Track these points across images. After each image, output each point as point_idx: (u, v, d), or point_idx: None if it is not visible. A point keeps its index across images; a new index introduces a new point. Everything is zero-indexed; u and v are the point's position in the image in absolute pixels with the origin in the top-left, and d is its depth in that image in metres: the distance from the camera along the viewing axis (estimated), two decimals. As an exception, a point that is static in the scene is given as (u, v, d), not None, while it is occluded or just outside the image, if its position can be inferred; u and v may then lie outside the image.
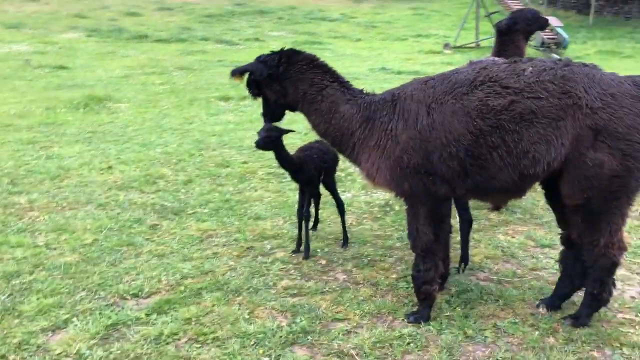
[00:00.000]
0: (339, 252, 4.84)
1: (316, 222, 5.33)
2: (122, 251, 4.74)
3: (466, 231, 4.47)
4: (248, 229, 5.22)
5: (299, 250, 4.76)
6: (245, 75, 3.96)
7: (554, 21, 18.38)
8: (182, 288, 4.12)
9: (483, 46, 21.77)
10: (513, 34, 5.71)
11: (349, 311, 3.87)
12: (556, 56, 17.67)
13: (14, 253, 4.63)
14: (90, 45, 19.72)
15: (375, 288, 4.21)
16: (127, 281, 4.24)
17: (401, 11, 34.86)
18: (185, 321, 3.71)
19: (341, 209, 5.02)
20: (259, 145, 4.33)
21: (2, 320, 3.70)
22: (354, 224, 5.46)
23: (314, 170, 4.72)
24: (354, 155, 3.89)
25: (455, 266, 4.43)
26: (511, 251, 4.86)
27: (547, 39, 20.76)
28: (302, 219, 4.72)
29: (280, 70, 3.85)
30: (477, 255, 4.75)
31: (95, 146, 7.86)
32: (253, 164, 7.14)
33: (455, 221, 4.38)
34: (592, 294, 3.65)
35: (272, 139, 4.32)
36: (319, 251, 4.83)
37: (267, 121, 4.24)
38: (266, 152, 4.68)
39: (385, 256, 4.75)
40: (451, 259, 4.25)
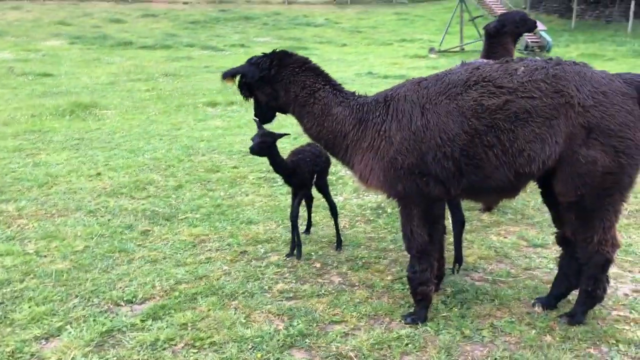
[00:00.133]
0: (333, 254, 4.82)
1: (309, 226, 5.31)
2: (114, 257, 4.67)
3: (459, 232, 4.48)
4: (241, 233, 5.18)
5: (292, 254, 4.74)
6: (237, 77, 3.94)
7: (537, 25, 18.64)
8: (177, 293, 4.07)
9: (467, 50, 22.04)
10: (502, 36, 5.75)
11: (345, 313, 3.85)
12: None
13: (4, 261, 4.54)
14: (74, 52, 19.63)
15: (371, 290, 4.20)
16: (121, 287, 4.18)
17: (385, 16, 35.14)
18: (181, 326, 3.66)
19: (334, 211, 5.00)
20: (254, 151, 4.31)
21: (-6, 329, 3.63)
22: (346, 226, 5.45)
23: (307, 173, 4.71)
24: (347, 158, 3.87)
25: (449, 267, 4.44)
26: (504, 251, 4.88)
27: (531, 42, 21.03)
28: (296, 222, 4.70)
29: (272, 73, 3.83)
30: (470, 256, 4.76)
31: (83, 153, 7.79)
32: (243, 169, 7.11)
33: (448, 222, 4.39)
34: (587, 291, 3.66)
35: (267, 144, 4.31)
36: (313, 254, 4.81)
37: (259, 123, 4.23)
38: (256, 157, 4.65)
39: (380, 258, 4.74)
40: (446, 259, 4.25)
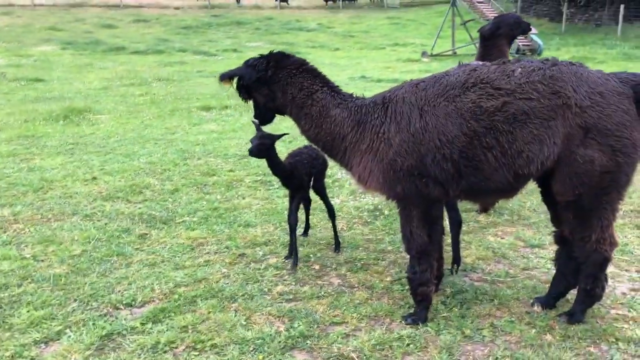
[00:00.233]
0: (331, 256, 4.82)
1: (307, 228, 5.32)
2: (112, 261, 4.65)
3: (456, 232, 4.50)
4: (239, 236, 5.18)
5: (291, 256, 4.74)
6: (235, 79, 3.94)
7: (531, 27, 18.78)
8: (176, 296, 4.06)
9: (460, 54, 22.15)
10: (496, 38, 5.78)
11: (346, 315, 3.85)
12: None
13: (1, 266, 4.52)
14: (66, 57, 19.57)
15: (371, 291, 4.20)
16: (120, 291, 4.16)
17: (378, 21, 35.27)
18: (181, 329, 3.65)
19: (332, 213, 5.01)
20: (253, 153, 4.31)
21: (-8, 334, 3.61)
22: (344, 229, 5.46)
23: (305, 176, 4.71)
24: (345, 160, 3.87)
25: (447, 268, 4.45)
26: (502, 252, 4.90)
27: (522, 45, 21.17)
28: (295, 227, 4.68)
29: (269, 75, 3.83)
30: (468, 256, 4.78)
31: (78, 157, 7.75)
32: (239, 172, 7.10)
33: (446, 223, 4.40)
34: (586, 289, 3.69)
35: (266, 146, 4.31)
36: (311, 256, 4.81)
37: (257, 125, 4.24)
38: (252, 160, 4.65)
39: (378, 260, 4.75)
40: (444, 260, 4.27)
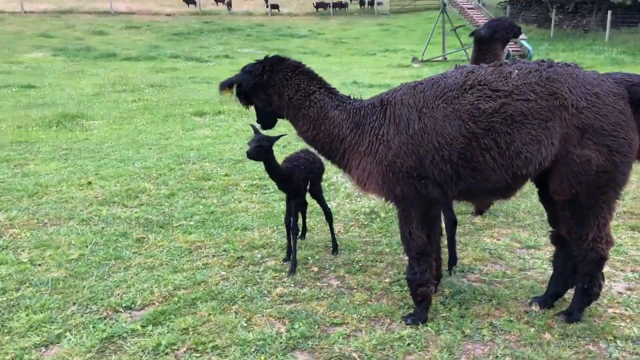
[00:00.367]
0: (329, 259, 4.84)
1: (304, 231, 5.33)
2: (110, 265, 4.64)
3: (452, 232, 4.54)
4: (236, 239, 5.18)
5: (289, 259, 4.74)
6: (234, 87, 3.96)
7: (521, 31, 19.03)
8: (176, 299, 4.06)
9: (450, 59, 22.31)
10: (493, 42, 5.84)
11: (346, 315, 3.86)
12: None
13: (-3, 270, 4.50)
14: (57, 64, 19.51)
15: (370, 292, 4.22)
16: (119, 294, 4.15)
17: (368, 27, 35.45)
18: (182, 331, 3.65)
19: (329, 216, 5.03)
20: (251, 155, 4.32)
21: (-9, 338, 3.59)
22: (341, 231, 5.47)
23: (302, 181, 4.73)
24: (343, 162, 3.89)
25: (445, 268, 4.48)
26: (498, 253, 4.93)
27: (512, 50, 21.35)
28: (294, 232, 4.69)
29: (265, 79, 3.85)
30: (465, 258, 4.81)
31: (72, 163, 7.73)
32: (235, 177, 7.10)
33: (442, 224, 4.44)
34: (583, 288, 3.72)
35: (264, 148, 4.33)
36: (310, 259, 4.82)
37: (255, 128, 4.26)
38: (247, 164, 4.66)
39: (376, 261, 4.77)
40: (442, 260, 4.29)
